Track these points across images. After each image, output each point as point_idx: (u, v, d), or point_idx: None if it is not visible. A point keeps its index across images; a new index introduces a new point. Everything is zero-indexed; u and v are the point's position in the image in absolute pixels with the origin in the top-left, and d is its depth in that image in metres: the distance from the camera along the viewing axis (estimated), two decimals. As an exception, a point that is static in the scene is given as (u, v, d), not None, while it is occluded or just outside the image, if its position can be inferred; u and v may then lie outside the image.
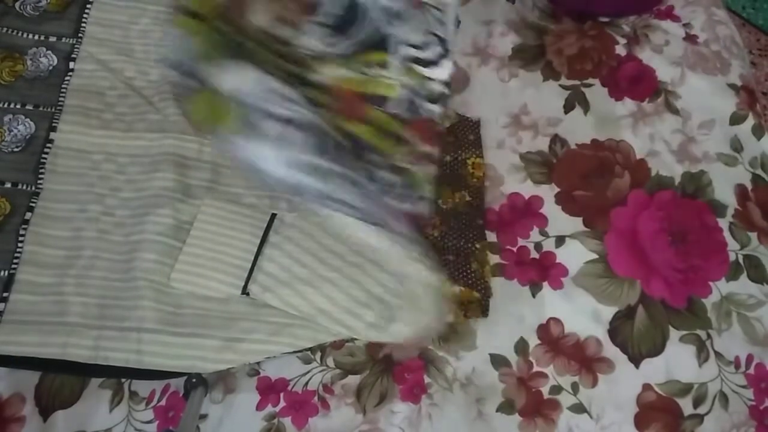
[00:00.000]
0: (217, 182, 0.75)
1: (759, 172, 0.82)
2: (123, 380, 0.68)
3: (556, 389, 0.69)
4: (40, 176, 0.75)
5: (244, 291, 0.70)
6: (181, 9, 0.68)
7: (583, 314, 0.73)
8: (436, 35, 0.69)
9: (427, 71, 0.68)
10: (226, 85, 0.63)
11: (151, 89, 0.80)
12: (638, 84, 0.86)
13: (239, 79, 0.63)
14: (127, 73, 0.81)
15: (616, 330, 0.72)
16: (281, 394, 0.68)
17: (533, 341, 0.72)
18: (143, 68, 0.82)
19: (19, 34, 0.83)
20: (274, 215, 0.73)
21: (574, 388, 0.69)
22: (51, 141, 0.77)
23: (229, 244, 0.71)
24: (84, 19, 0.84)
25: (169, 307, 0.69)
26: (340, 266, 0.70)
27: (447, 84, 0.70)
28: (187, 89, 0.65)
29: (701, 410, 0.69)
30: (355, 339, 0.70)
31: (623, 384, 0.70)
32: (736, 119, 0.85)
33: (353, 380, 0.69)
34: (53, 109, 0.78)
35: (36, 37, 0.83)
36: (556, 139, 0.82)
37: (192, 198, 0.74)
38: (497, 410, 0.68)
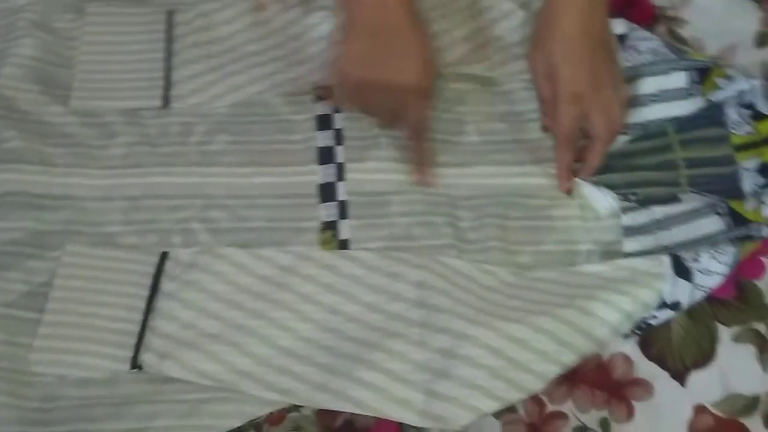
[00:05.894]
0: (79, 222, 0.64)
1: (804, 103, 0.72)
2: None
3: (581, 431, 0.60)
4: None
5: (135, 364, 0.58)
6: None
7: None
8: None
9: None
10: None
11: None
12: (629, 11, 0.75)
13: None
14: None
15: (649, 339, 0.63)
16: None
17: (541, 372, 0.63)
18: None
19: None
20: (165, 254, 0.62)
21: (605, 426, 0.60)
22: None
23: (106, 304, 0.60)
24: None
25: (33, 402, 0.57)
26: (264, 310, 0.59)
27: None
28: None
29: (777, 428, 0.60)
30: (299, 406, 0.59)
31: (668, 410, 0.61)
32: (763, 39, 0.74)
33: (304, 463, 0.59)
34: None
35: None
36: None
37: (47, 250, 0.63)
38: (509, 473, 0.59)
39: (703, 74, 0.67)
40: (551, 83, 0.64)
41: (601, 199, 0.64)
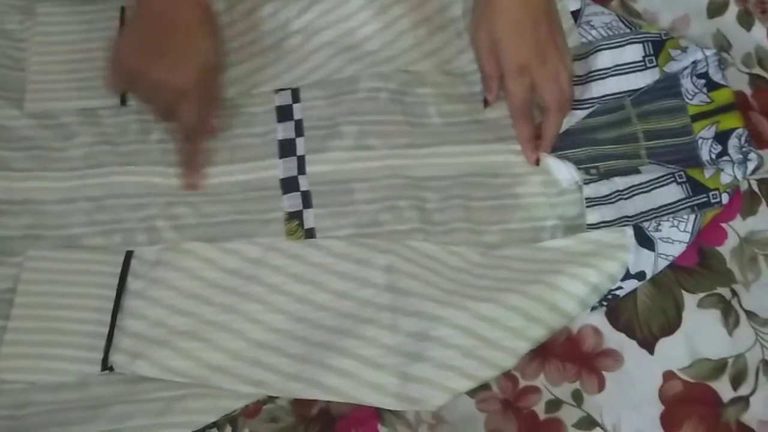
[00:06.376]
0: (41, 226, 0.63)
1: (757, 71, 0.72)
2: None
3: (554, 404, 0.60)
4: None
5: (106, 365, 0.58)
6: None
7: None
8: None
9: None
10: None
11: None
12: (583, -10, 0.75)
13: None
14: None
15: (616, 310, 0.63)
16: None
17: (512, 348, 0.62)
18: None
19: None
20: (130, 253, 0.61)
21: (577, 397, 0.60)
22: None
23: (72, 307, 0.59)
24: None
25: (4, 410, 0.57)
26: (233, 304, 0.59)
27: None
28: None
29: (744, 391, 0.61)
30: (275, 397, 0.59)
31: (638, 378, 0.61)
32: (715, 10, 0.74)
33: (282, 453, 0.59)
34: None
35: None
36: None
37: (9, 255, 0.62)
38: (484, 449, 0.59)
39: (658, 46, 0.68)
40: (495, 58, 0.63)
41: (564, 171, 0.64)
